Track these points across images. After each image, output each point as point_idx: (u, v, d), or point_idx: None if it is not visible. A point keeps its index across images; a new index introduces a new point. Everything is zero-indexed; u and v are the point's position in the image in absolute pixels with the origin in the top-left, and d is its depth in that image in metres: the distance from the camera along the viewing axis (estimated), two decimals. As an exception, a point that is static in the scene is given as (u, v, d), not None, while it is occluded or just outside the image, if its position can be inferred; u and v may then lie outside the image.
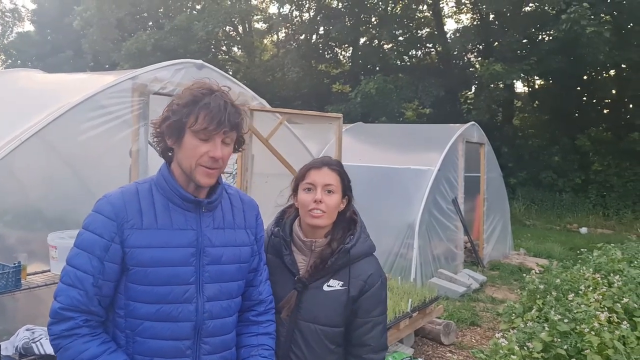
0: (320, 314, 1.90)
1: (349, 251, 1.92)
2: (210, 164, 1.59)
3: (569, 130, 17.72)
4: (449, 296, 6.98)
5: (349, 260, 1.92)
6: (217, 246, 1.67)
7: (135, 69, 4.40)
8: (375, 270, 1.97)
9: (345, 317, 1.91)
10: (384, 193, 7.71)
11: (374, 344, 1.93)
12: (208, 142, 1.58)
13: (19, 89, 5.21)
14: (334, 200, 1.93)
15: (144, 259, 1.57)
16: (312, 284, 1.92)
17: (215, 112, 1.55)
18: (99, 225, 1.57)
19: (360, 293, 1.92)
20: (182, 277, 1.60)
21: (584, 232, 13.69)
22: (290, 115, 5.05)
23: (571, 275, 5.15)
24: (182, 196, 1.64)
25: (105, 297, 1.58)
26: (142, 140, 4.11)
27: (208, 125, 1.55)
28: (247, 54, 23.81)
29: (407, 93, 17.36)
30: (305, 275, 1.92)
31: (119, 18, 20.90)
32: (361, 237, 1.98)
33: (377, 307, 1.95)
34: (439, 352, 5.26)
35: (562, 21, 13.55)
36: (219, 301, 1.67)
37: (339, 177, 1.96)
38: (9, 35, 30.30)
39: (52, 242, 3.23)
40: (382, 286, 1.97)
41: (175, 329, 1.60)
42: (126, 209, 1.59)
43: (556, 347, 3.36)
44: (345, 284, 1.91)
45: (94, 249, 1.56)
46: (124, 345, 1.60)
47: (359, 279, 1.92)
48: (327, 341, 1.91)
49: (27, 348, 2.89)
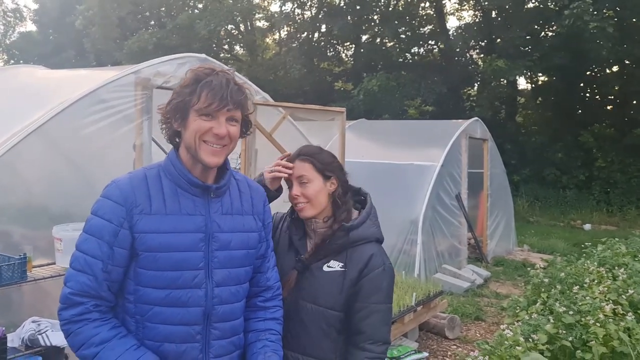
0: (319, 294, 1.89)
1: (349, 232, 1.91)
2: (215, 140, 1.58)
3: (572, 126, 17.67)
4: (453, 291, 6.98)
5: (348, 241, 1.91)
6: (226, 232, 1.67)
7: (138, 64, 4.41)
8: (377, 255, 1.93)
9: (344, 300, 1.89)
10: (387, 189, 7.70)
11: (370, 332, 1.87)
12: (212, 120, 1.57)
13: (20, 84, 5.22)
14: (310, 189, 1.93)
15: (153, 244, 1.56)
16: (313, 265, 1.92)
17: (217, 90, 1.55)
18: (108, 211, 1.56)
19: (359, 276, 1.89)
20: (192, 262, 1.60)
21: (587, 228, 13.66)
22: (293, 110, 5.05)
23: (575, 269, 5.13)
24: (190, 181, 1.63)
25: (114, 282, 1.58)
26: (146, 134, 4.12)
27: (211, 103, 1.54)
28: (249, 52, 23.82)
29: (409, 90, 17.34)
30: (307, 256, 1.93)
31: (121, 17, 20.96)
32: (366, 222, 1.96)
33: (376, 293, 1.89)
34: (443, 346, 5.25)
35: (565, 17, 13.52)
36: (228, 286, 1.67)
37: (310, 165, 1.95)
38: (11, 35, 30.36)
39: (57, 235, 3.24)
40: (384, 274, 1.92)
41: (185, 314, 1.59)
42: (135, 194, 1.57)
43: (561, 339, 3.35)
44: (344, 266, 1.90)
45: (103, 234, 1.55)
46: (134, 330, 1.59)
47: (359, 262, 1.90)
48: (324, 324, 1.89)
49: (33, 340, 2.90)
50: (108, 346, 1.52)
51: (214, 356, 1.65)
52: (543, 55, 15.68)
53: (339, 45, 22.23)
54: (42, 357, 2.91)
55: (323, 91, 20.78)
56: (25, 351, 2.90)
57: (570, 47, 15.39)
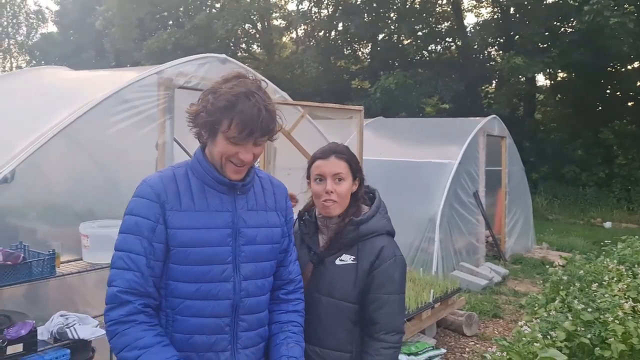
0: (333, 287, 1.95)
1: (359, 226, 1.97)
2: (240, 164, 1.64)
3: (592, 123, 17.45)
4: (470, 289, 6.98)
5: (358, 234, 1.97)
6: (252, 227, 1.73)
7: (160, 65, 4.49)
8: (387, 246, 1.98)
9: (358, 292, 1.95)
10: (404, 187, 7.72)
11: (384, 322, 1.92)
12: (239, 146, 1.61)
13: (45, 86, 5.33)
14: (344, 187, 1.97)
15: (184, 240, 1.63)
16: (328, 258, 1.98)
17: (248, 121, 1.56)
18: (144, 208, 1.63)
19: (371, 267, 1.94)
20: (221, 257, 1.66)
21: (608, 226, 13.50)
22: (311, 109, 5.10)
23: (595, 266, 5.10)
24: (216, 179, 1.69)
25: (157, 277, 1.64)
26: (168, 133, 4.20)
27: (240, 134, 1.57)
28: (267, 51, 23.93)
29: (426, 88, 17.29)
30: (321, 249, 1.99)
31: (140, 17, 21.19)
32: (376, 216, 2.02)
33: (388, 284, 1.95)
34: (461, 343, 5.27)
35: (585, 12, 13.34)
36: (254, 280, 1.73)
37: (346, 164, 1.99)
38: (34, 36, 30.89)
39: (83, 231, 3.33)
40: (395, 264, 1.97)
41: (215, 306, 1.66)
42: (166, 191, 1.65)
43: (580, 336, 3.35)
44: (356, 258, 1.96)
45: (142, 231, 1.61)
46: (164, 324, 1.66)
47: (370, 254, 1.96)
48: (340, 316, 1.95)
49: (62, 333, 2.99)
50: (150, 351, 1.56)
51: (242, 347, 1.72)
52: (562, 52, 15.50)
53: (355, 43, 22.22)
54: (70, 349, 2.99)
55: (340, 89, 20.79)
56: (54, 344, 2.99)
57: (590, 43, 15.18)
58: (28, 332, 2.75)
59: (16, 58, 31.83)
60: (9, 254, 2.95)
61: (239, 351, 1.72)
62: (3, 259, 2.88)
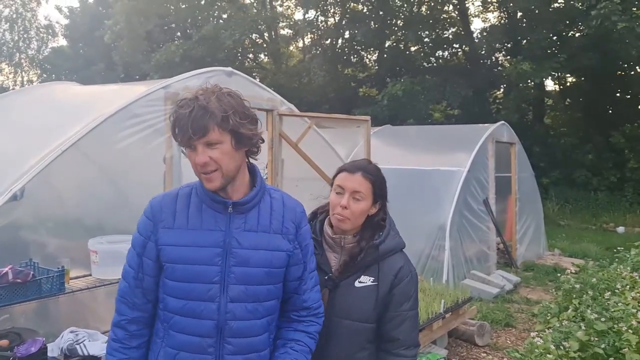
0: (353, 310, 1.94)
1: (378, 247, 1.96)
2: (202, 170, 1.63)
3: (602, 127, 17.31)
4: (482, 297, 6.92)
5: (378, 256, 1.96)
6: (246, 248, 1.68)
7: (167, 79, 4.52)
8: (404, 265, 1.99)
9: (377, 313, 1.95)
10: (414, 195, 7.69)
11: (402, 338, 1.95)
12: (193, 151, 1.62)
13: (56, 101, 5.40)
14: (360, 207, 1.94)
15: (172, 256, 1.68)
16: (344, 282, 1.95)
17: (181, 123, 1.58)
18: (141, 225, 1.76)
19: (391, 287, 1.95)
20: (206, 276, 1.66)
21: (621, 231, 13.35)
22: (318, 119, 5.11)
23: (608, 274, 5.05)
24: (211, 197, 1.70)
25: (147, 290, 1.74)
26: (175, 147, 4.21)
27: (179, 138, 1.62)
28: (274, 60, 24.04)
29: (434, 94, 17.25)
30: (336, 274, 1.96)
31: (147, 30, 21.37)
32: (390, 234, 2.01)
33: (407, 301, 1.96)
34: (473, 353, 5.22)
35: (592, 17, 13.27)
36: (244, 303, 1.68)
37: (370, 185, 1.95)
38: (44, 50, 31.26)
39: (92, 247, 3.35)
40: (411, 281, 1.99)
41: (198, 325, 1.66)
42: (162, 210, 1.73)
43: (593, 347, 3.31)
44: (375, 280, 1.95)
45: (136, 246, 1.76)
46: (162, 336, 1.73)
47: (389, 274, 1.95)
48: (360, 337, 1.95)
49: (72, 349, 3.00)
50: None
51: None
52: (570, 56, 15.41)
53: (362, 51, 22.25)
54: (81, 366, 3.00)
55: (347, 97, 20.82)
56: (65, 360, 3.01)
57: (598, 48, 15.10)
58: (38, 349, 2.76)
59: (27, 72, 32.21)
60: (19, 271, 2.97)
61: None
62: (13, 276, 2.90)
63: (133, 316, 1.74)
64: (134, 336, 1.75)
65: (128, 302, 1.74)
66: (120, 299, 1.76)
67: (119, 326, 1.75)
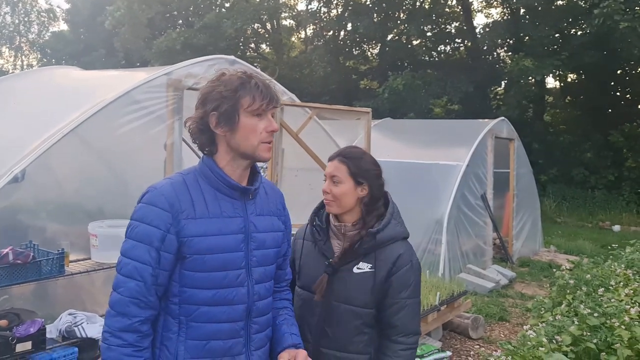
0: (351, 295, 1.98)
1: (376, 235, 2.00)
2: (269, 138, 1.71)
3: (601, 126, 17.33)
4: (477, 291, 6.97)
5: (375, 244, 2.00)
6: (262, 232, 1.76)
7: (169, 66, 4.52)
8: (404, 253, 2.02)
9: (375, 298, 1.99)
10: (412, 188, 7.71)
11: (401, 325, 1.98)
12: (263, 119, 1.68)
13: (56, 86, 5.40)
14: (340, 190, 2.01)
15: (201, 247, 1.63)
16: (343, 268, 2.00)
17: (265, 90, 1.67)
18: (155, 217, 1.62)
19: (388, 274, 1.98)
20: (235, 262, 1.69)
21: (616, 229, 13.41)
22: (319, 110, 5.12)
23: (602, 271, 5.09)
24: (229, 184, 1.70)
25: (160, 286, 1.65)
26: (177, 134, 4.23)
27: (262, 103, 1.66)
28: (275, 51, 23.97)
29: (435, 89, 17.24)
30: (336, 260, 2.01)
31: (149, 17, 21.27)
32: (391, 223, 2.04)
33: (405, 289, 1.99)
34: (467, 345, 5.27)
35: (595, 16, 13.25)
36: (264, 283, 1.78)
37: (345, 167, 2.03)
38: (45, 34, 31.10)
39: (92, 231, 3.37)
40: (411, 269, 2.02)
41: (231, 311, 1.68)
42: (179, 199, 1.64)
43: (586, 341, 3.35)
44: (373, 266, 1.99)
45: (152, 240, 1.61)
46: (177, 331, 1.66)
47: (387, 261, 1.99)
48: (358, 321, 1.99)
49: (70, 331, 3.03)
50: None
51: (255, 349, 1.76)
52: (572, 54, 15.39)
53: (364, 43, 22.20)
54: (78, 348, 3.04)
55: (348, 89, 20.80)
56: (63, 342, 3.04)
57: (600, 46, 15.09)
58: (37, 330, 2.79)
59: (27, 56, 32.07)
60: (19, 252, 2.99)
61: (252, 353, 1.75)
62: (13, 257, 2.93)
63: (146, 316, 1.63)
64: (146, 336, 1.65)
65: (141, 302, 1.61)
66: (131, 300, 1.60)
67: (130, 330, 1.60)
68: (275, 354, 1.82)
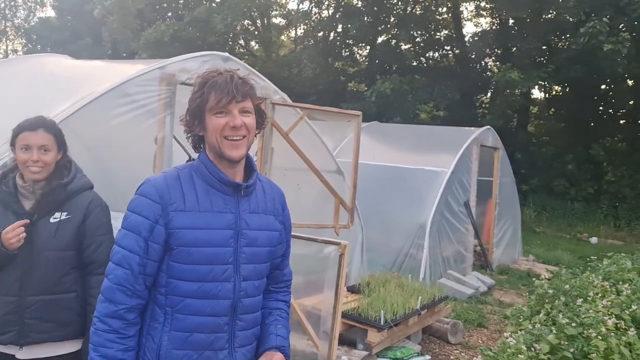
0: (51, 241, 2.26)
1: (66, 187, 2.32)
2: (233, 133, 1.69)
3: (583, 139, 17.64)
4: (456, 297, 7.05)
5: (67, 194, 2.32)
6: (254, 229, 1.78)
7: (163, 59, 4.50)
8: (94, 199, 2.39)
9: (75, 242, 2.30)
10: (396, 193, 7.78)
11: (102, 259, 2.25)
12: (227, 116, 1.69)
13: (47, 74, 5.31)
14: (50, 157, 2.30)
15: (188, 240, 1.67)
16: (40, 220, 2.27)
17: (223, 86, 1.68)
18: (145, 208, 1.69)
19: (84, 218, 2.33)
20: (222, 257, 1.71)
21: (594, 241, 13.66)
22: (310, 111, 5.15)
23: (580, 281, 5.20)
24: (221, 180, 1.73)
25: (148, 275, 1.70)
26: (168, 128, 4.21)
27: (220, 99, 1.67)
28: (265, 48, 23.90)
29: (422, 95, 17.36)
30: (32, 210, 2.26)
31: (139, 8, 21.06)
32: (77, 176, 2.39)
33: (100, 227, 2.36)
34: (445, 350, 5.34)
35: (580, 34, 13.42)
36: (253, 281, 1.80)
37: (54, 137, 2.32)
38: (31, 20, 30.62)
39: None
40: (102, 211, 2.39)
41: (215, 305, 1.71)
42: (170, 192, 1.70)
43: (563, 350, 3.43)
44: (69, 214, 2.31)
45: (140, 230, 1.68)
46: (162, 322, 1.71)
47: (81, 208, 2.33)
48: (62, 263, 2.29)
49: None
50: None
51: (239, 346, 1.78)
52: (558, 67, 15.62)
53: (354, 45, 22.28)
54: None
55: (336, 91, 20.82)
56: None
57: (585, 62, 15.30)
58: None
59: (12, 41, 31.56)
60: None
61: (236, 349, 1.77)
62: (0, 246, 2.89)
63: (132, 304, 1.68)
64: (132, 324, 1.69)
65: (127, 290, 1.67)
66: (118, 287, 1.66)
67: (115, 316, 1.66)
68: (259, 353, 1.85)
